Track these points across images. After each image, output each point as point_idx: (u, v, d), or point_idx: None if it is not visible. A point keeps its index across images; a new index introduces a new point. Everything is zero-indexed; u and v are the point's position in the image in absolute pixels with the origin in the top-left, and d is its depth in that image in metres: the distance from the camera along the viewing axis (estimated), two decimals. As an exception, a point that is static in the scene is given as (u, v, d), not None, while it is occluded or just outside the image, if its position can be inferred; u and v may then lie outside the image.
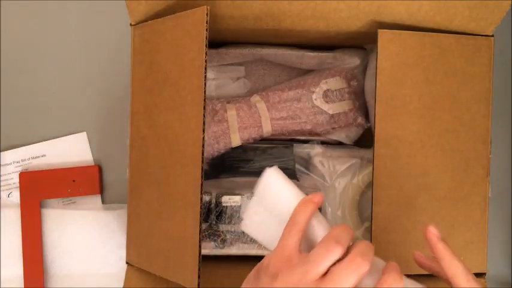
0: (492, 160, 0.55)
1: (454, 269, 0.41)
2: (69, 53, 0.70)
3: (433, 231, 0.42)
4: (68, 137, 0.70)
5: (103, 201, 0.70)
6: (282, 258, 0.39)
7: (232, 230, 0.60)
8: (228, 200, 0.60)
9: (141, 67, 0.56)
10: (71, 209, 0.69)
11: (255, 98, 0.63)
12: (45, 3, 0.70)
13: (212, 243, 0.60)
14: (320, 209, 0.60)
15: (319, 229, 0.42)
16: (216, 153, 0.62)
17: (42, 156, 0.70)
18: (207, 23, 0.49)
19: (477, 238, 0.55)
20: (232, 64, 0.67)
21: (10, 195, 0.69)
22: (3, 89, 0.70)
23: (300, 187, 0.63)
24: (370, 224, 0.54)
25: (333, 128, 0.64)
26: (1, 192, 0.69)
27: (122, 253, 0.57)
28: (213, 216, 0.60)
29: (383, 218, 0.54)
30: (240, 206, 0.60)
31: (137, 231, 0.56)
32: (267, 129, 0.62)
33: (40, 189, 0.68)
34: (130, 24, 0.56)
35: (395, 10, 0.53)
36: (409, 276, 0.52)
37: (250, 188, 0.62)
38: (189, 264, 0.49)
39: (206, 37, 0.49)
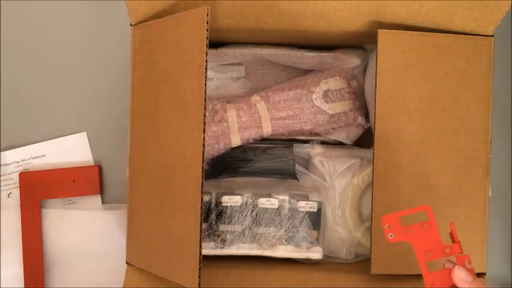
0: (492, 160, 0.55)
1: None
2: (69, 53, 0.70)
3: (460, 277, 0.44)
4: (68, 137, 0.70)
5: (103, 201, 0.70)
6: None
7: (232, 230, 0.60)
8: (228, 200, 0.60)
9: (141, 67, 0.56)
10: (71, 209, 0.69)
11: (255, 98, 0.63)
12: (45, 4, 0.70)
13: (212, 243, 0.60)
14: (320, 210, 0.60)
15: None
16: (216, 153, 0.62)
17: (42, 156, 0.70)
18: (207, 23, 0.49)
19: (477, 238, 0.55)
20: (232, 64, 0.67)
21: (10, 195, 0.69)
22: (3, 89, 0.70)
23: (300, 187, 0.63)
24: (370, 224, 0.54)
25: (333, 128, 0.64)
26: (1, 192, 0.69)
27: (122, 253, 0.57)
28: (213, 216, 0.60)
29: (383, 218, 0.54)
30: (240, 206, 0.60)
31: (137, 231, 0.56)
32: (267, 129, 0.62)
33: (40, 189, 0.68)
34: (131, 24, 0.56)
35: (395, 10, 0.53)
36: (410, 276, 0.52)
37: (250, 188, 0.62)
38: (190, 264, 0.49)
39: (207, 37, 0.49)
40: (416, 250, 0.46)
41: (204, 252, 0.59)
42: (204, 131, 0.49)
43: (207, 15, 0.49)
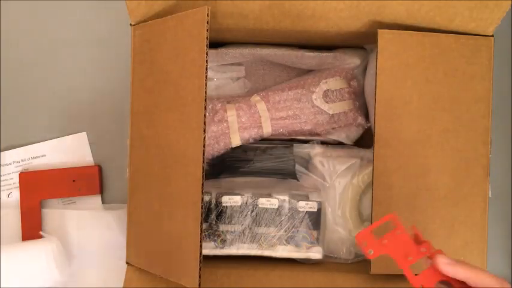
0: (492, 160, 0.55)
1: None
2: (69, 53, 0.70)
3: (443, 261, 0.43)
4: (68, 137, 0.70)
5: (103, 201, 0.70)
6: None
7: (232, 230, 0.60)
8: (228, 200, 0.60)
9: (141, 67, 0.56)
10: (71, 209, 0.69)
11: (255, 98, 0.63)
12: (45, 4, 0.70)
13: (212, 243, 0.60)
14: (320, 210, 0.60)
15: None
16: (216, 154, 0.62)
17: (42, 156, 0.70)
18: (207, 23, 0.49)
19: (477, 238, 0.55)
20: (232, 64, 0.67)
21: (10, 195, 0.69)
22: (3, 89, 0.70)
23: (300, 187, 0.63)
24: (370, 224, 0.54)
25: (333, 128, 0.64)
26: (1, 192, 0.69)
27: (122, 253, 0.57)
28: (213, 216, 0.60)
29: (383, 218, 0.54)
30: (240, 206, 0.60)
31: (137, 231, 0.56)
32: (267, 129, 0.62)
33: (40, 189, 0.68)
34: (131, 24, 0.56)
35: (395, 10, 0.53)
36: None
37: (250, 188, 0.62)
38: (190, 264, 0.49)
39: (207, 37, 0.49)
40: (397, 258, 0.45)
41: (204, 252, 0.59)
42: (204, 131, 0.49)
43: (208, 15, 0.49)
